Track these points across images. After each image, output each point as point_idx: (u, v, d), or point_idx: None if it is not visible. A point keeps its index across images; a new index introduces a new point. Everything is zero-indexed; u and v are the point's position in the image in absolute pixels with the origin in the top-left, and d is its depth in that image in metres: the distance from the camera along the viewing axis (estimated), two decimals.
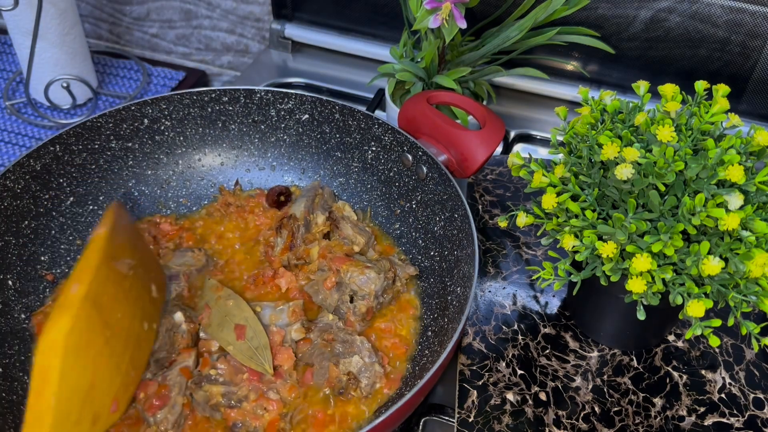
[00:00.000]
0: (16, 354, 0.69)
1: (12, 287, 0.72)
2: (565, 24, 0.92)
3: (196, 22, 1.28)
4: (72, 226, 0.79)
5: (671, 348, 0.74)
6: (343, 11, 1.16)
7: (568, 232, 0.62)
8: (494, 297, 0.78)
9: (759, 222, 0.55)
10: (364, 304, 0.72)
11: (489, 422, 0.66)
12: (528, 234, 0.85)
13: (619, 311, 0.70)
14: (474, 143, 0.77)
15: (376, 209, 0.86)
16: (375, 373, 0.67)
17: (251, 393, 0.65)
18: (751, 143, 0.60)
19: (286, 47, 1.22)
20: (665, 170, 0.56)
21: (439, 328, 0.70)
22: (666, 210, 0.58)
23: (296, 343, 0.70)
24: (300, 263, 0.77)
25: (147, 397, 0.64)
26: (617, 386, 0.70)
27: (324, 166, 0.88)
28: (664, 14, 0.97)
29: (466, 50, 0.95)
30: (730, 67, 0.98)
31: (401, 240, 0.83)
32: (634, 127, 0.64)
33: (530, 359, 0.72)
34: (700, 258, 0.56)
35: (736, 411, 0.68)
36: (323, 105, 0.85)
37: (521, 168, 0.68)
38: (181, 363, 0.67)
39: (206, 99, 0.85)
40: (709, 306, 0.56)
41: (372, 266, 0.73)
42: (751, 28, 0.94)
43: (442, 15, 0.80)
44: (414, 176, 0.81)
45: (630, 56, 1.02)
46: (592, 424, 0.67)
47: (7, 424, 0.61)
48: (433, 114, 0.80)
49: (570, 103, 1.09)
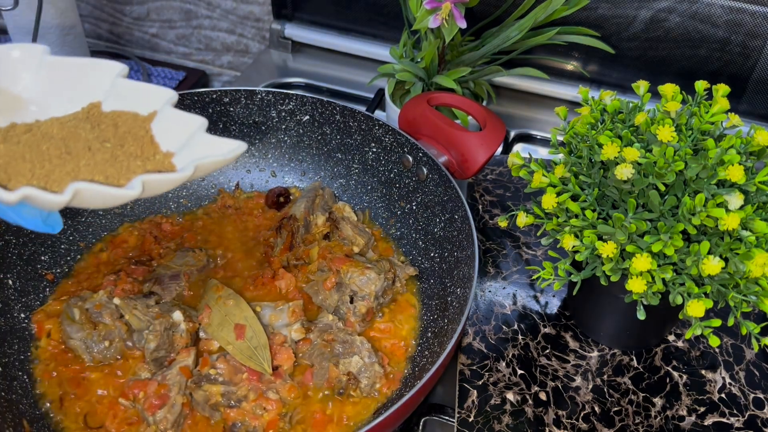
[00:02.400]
0: (15, 353, 0.69)
1: (12, 286, 0.72)
2: (565, 24, 0.92)
3: (196, 22, 1.28)
4: (72, 226, 0.79)
5: (671, 348, 0.74)
6: (343, 11, 1.16)
7: (568, 232, 0.62)
8: (494, 297, 0.78)
9: (759, 222, 0.55)
10: (364, 305, 0.72)
11: (489, 422, 0.66)
12: (528, 234, 0.86)
13: (619, 311, 0.70)
14: (474, 144, 0.78)
15: (377, 210, 0.86)
16: (375, 373, 0.67)
17: (251, 393, 0.65)
18: (751, 143, 0.60)
19: (286, 47, 1.22)
20: (665, 170, 0.56)
21: (438, 328, 0.70)
22: (666, 210, 0.58)
23: (296, 343, 0.70)
24: (300, 264, 0.77)
25: (146, 396, 0.64)
26: (617, 386, 0.70)
27: (324, 167, 0.88)
28: (664, 14, 0.97)
29: (466, 50, 0.95)
30: (730, 67, 0.98)
31: (401, 241, 0.83)
32: (634, 127, 0.64)
33: (530, 359, 0.72)
34: (700, 258, 0.56)
35: (736, 411, 0.68)
36: (324, 106, 0.85)
37: (521, 168, 0.68)
38: (180, 362, 0.67)
39: (207, 100, 0.85)
40: (709, 306, 0.56)
41: (372, 267, 0.73)
42: (751, 28, 0.94)
43: (442, 15, 0.80)
44: (414, 177, 0.81)
45: (630, 56, 1.02)
46: (592, 424, 0.67)
47: (7, 423, 0.61)
48: (433, 115, 0.80)
49: (570, 103, 1.09)
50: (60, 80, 0.59)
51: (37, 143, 0.54)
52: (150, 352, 0.66)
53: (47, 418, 0.65)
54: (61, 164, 0.52)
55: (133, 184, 0.51)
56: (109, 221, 0.82)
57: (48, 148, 0.53)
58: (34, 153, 0.53)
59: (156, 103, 0.58)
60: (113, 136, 0.56)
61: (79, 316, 0.69)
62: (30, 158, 0.52)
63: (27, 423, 0.63)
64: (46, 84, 0.58)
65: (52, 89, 0.58)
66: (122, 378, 0.68)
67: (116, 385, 0.67)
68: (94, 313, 0.69)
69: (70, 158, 0.53)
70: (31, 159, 0.52)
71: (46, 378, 0.68)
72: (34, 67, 0.58)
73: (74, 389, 0.67)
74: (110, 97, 0.58)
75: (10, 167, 0.51)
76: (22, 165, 0.51)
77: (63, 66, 0.58)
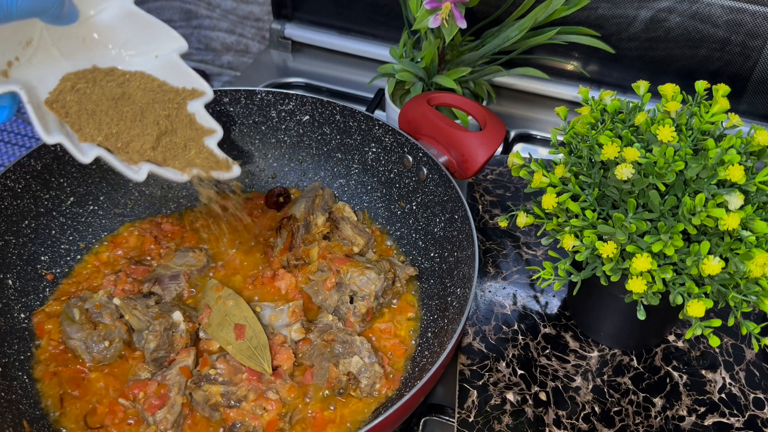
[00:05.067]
0: (15, 353, 0.69)
1: (12, 287, 0.72)
2: (565, 24, 0.92)
3: (196, 22, 1.28)
4: (72, 226, 0.79)
5: (671, 348, 0.74)
6: (343, 11, 1.16)
7: (568, 232, 0.62)
8: (494, 297, 0.78)
9: (759, 222, 0.55)
10: (364, 305, 0.72)
11: (489, 422, 0.66)
12: (528, 234, 0.85)
13: (619, 311, 0.70)
14: (474, 144, 0.77)
15: (377, 210, 0.86)
16: (375, 373, 0.67)
17: (250, 393, 0.65)
18: (751, 143, 0.60)
19: (286, 47, 1.22)
20: (665, 170, 0.56)
21: (438, 328, 0.70)
22: (666, 210, 0.58)
23: (296, 343, 0.70)
24: (299, 264, 0.77)
25: (146, 396, 0.64)
26: (617, 386, 0.70)
27: (324, 167, 0.88)
28: (664, 14, 0.97)
29: (466, 50, 0.95)
30: (730, 67, 0.98)
31: (401, 241, 0.83)
32: (635, 127, 0.64)
33: (530, 359, 0.72)
34: (700, 258, 0.56)
35: (736, 411, 0.68)
36: (324, 106, 0.85)
37: (521, 168, 0.68)
38: (180, 362, 0.67)
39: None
40: (709, 306, 0.56)
41: (372, 267, 0.73)
42: (751, 28, 0.94)
43: (442, 15, 0.80)
44: (414, 177, 0.81)
45: (630, 56, 1.02)
46: (592, 424, 0.67)
47: (7, 423, 0.61)
48: (433, 115, 0.80)
49: (570, 103, 1.09)
50: (136, 30, 0.65)
51: (123, 103, 0.62)
52: (150, 352, 0.66)
53: (47, 418, 0.65)
54: (136, 135, 0.61)
55: (186, 175, 0.62)
56: (109, 221, 0.82)
57: (128, 112, 0.61)
58: (116, 110, 0.62)
59: (197, 105, 0.65)
60: (176, 118, 0.64)
61: (79, 316, 0.69)
62: (110, 115, 0.61)
63: (27, 423, 0.63)
64: (123, 29, 0.65)
65: (127, 36, 0.65)
66: (122, 378, 0.68)
67: (116, 385, 0.67)
68: (94, 313, 0.69)
69: (140, 129, 0.61)
70: (111, 116, 0.61)
71: (46, 378, 0.68)
72: (117, 6, 0.64)
73: (74, 389, 0.67)
74: (164, 64, 0.65)
75: (90, 118, 0.60)
76: (103, 118, 0.60)
77: (140, 18, 0.65)
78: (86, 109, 0.60)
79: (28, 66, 0.59)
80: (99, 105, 0.60)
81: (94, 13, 0.63)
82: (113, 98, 0.61)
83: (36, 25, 0.60)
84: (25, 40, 0.59)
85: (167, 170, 0.61)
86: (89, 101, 0.60)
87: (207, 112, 0.65)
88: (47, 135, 0.54)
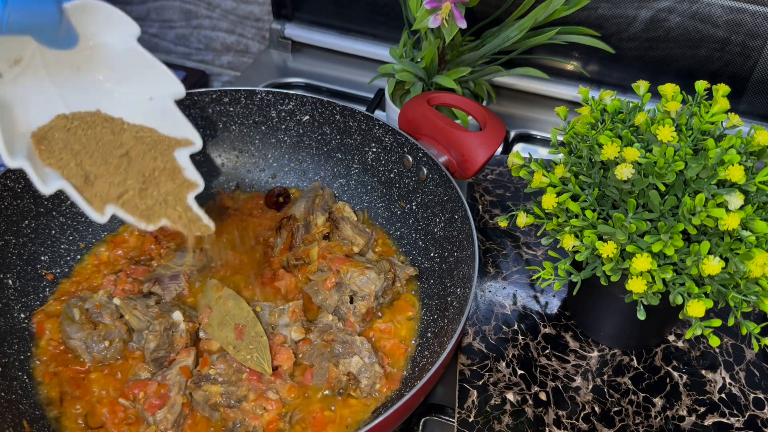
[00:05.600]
0: (15, 353, 0.69)
1: (12, 286, 0.72)
2: (565, 24, 0.92)
3: (196, 22, 1.28)
4: (72, 226, 0.79)
5: (671, 348, 0.74)
6: (343, 11, 1.16)
7: (568, 232, 0.62)
8: (494, 297, 0.78)
9: (759, 222, 0.55)
10: (364, 305, 0.72)
11: (489, 422, 0.66)
12: (528, 234, 0.85)
13: (619, 311, 0.70)
14: (474, 144, 0.77)
15: (377, 210, 0.86)
16: (375, 373, 0.67)
17: (250, 393, 0.65)
18: (751, 143, 0.60)
19: (286, 47, 1.22)
20: (665, 170, 0.56)
21: (438, 328, 0.70)
22: (666, 210, 0.58)
23: (296, 343, 0.70)
24: (300, 264, 0.77)
25: (146, 396, 0.64)
26: (617, 386, 0.70)
27: (324, 167, 0.88)
28: (664, 14, 0.97)
29: (466, 50, 0.95)
30: (730, 67, 0.98)
31: (401, 241, 0.83)
32: (634, 127, 0.64)
33: (530, 359, 0.72)
34: (700, 258, 0.56)
35: (737, 411, 0.68)
36: (324, 106, 0.85)
37: (521, 168, 0.68)
38: (180, 362, 0.67)
39: (207, 100, 0.85)
40: (709, 306, 0.56)
41: (372, 267, 0.73)
42: (751, 28, 0.94)
43: (442, 15, 0.80)
44: (414, 177, 0.81)
45: (630, 56, 1.02)
46: (592, 424, 0.67)
47: (7, 423, 0.61)
48: (433, 115, 0.80)
49: (570, 103, 1.09)
50: (135, 68, 0.62)
51: (112, 149, 0.60)
52: (150, 352, 0.66)
53: (47, 418, 0.65)
54: (115, 182, 0.59)
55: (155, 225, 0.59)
56: (109, 221, 0.82)
57: (113, 157, 0.59)
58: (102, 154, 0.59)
59: (184, 154, 0.63)
60: (159, 170, 0.61)
61: (79, 316, 0.69)
62: (99, 159, 0.59)
63: (27, 423, 0.63)
64: (122, 65, 0.62)
65: (125, 73, 0.62)
66: (122, 378, 0.68)
67: (116, 385, 0.67)
68: (94, 313, 0.69)
69: (122, 176, 0.59)
70: (99, 160, 0.59)
71: (46, 378, 0.68)
72: (120, 40, 0.61)
73: (74, 389, 0.67)
74: (157, 109, 0.63)
75: (72, 157, 0.57)
76: (85, 158, 0.58)
77: (141, 57, 0.62)
78: (71, 149, 0.57)
79: (12, 84, 0.56)
80: (86, 147, 0.58)
81: (93, 44, 0.60)
82: (103, 142, 0.59)
83: (29, 45, 0.57)
84: (14, 58, 0.56)
85: (132, 218, 0.58)
86: (77, 142, 0.58)
87: (191, 163, 0.62)
88: (11, 157, 0.51)
